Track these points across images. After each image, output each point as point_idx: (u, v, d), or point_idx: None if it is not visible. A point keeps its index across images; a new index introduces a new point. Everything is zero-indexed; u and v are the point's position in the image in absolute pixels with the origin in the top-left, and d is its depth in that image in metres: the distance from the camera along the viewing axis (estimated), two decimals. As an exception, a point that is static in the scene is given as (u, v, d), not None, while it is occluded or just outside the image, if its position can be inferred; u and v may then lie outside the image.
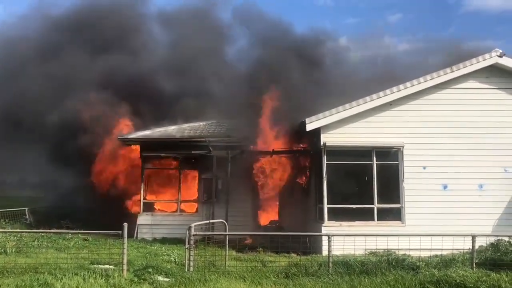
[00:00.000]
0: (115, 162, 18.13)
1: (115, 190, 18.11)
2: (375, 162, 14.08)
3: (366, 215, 13.92)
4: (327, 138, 14.07)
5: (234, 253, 12.84)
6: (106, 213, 18.62)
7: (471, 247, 10.16)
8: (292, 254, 12.67)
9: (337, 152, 14.17)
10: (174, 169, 18.15)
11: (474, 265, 9.96)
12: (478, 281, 8.94)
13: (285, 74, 19.29)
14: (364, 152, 14.17)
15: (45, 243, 13.98)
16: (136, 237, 16.89)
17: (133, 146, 17.89)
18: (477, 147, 13.99)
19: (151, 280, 9.34)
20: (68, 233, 15.06)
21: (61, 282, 8.72)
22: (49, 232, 14.98)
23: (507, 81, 14.36)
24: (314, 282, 9.33)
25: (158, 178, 18.35)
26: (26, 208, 21.14)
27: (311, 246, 13.37)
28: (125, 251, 9.71)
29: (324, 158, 14.06)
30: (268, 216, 18.75)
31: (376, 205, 13.92)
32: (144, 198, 17.74)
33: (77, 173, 20.72)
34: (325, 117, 13.95)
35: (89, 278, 9.06)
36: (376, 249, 11.31)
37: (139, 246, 14.37)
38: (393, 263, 10.27)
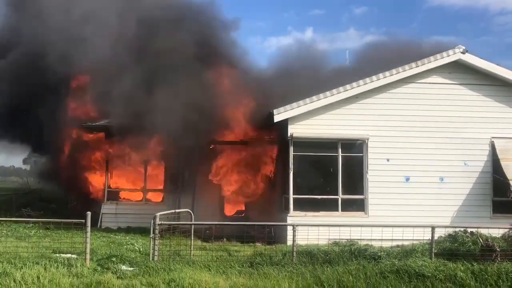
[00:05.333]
0: (80, 148, 17.72)
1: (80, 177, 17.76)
2: (340, 154, 14.30)
3: (330, 206, 14.14)
4: (294, 130, 14.19)
5: (199, 242, 12.86)
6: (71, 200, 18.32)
7: (430, 238, 10.50)
8: (257, 244, 12.77)
9: (303, 143, 14.32)
10: (140, 158, 17.90)
11: (433, 255, 10.31)
12: (436, 271, 9.27)
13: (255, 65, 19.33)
14: (330, 144, 14.36)
15: (5, 231, 13.62)
16: (100, 226, 16.64)
17: (97, 134, 17.53)
18: (438, 140, 14.38)
19: (115, 269, 9.27)
20: (29, 221, 14.69)
21: (20, 271, 8.54)
22: (9, 220, 14.56)
23: (469, 77, 14.77)
24: (278, 271, 9.46)
25: (123, 166, 18.08)
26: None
27: (276, 236, 13.53)
28: (88, 240, 9.59)
29: (291, 149, 14.17)
30: (235, 206, 18.82)
31: (340, 196, 14.16)
32: (109, 187, 17.48)
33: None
34: (292, 108, 14.04)
35: (51, 267, 8.92)
36: (339, 239, 11.55)
37: (103, 235, 14.16)
38: (356, 253, 10.54)
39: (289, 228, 11.72)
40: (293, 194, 14.02)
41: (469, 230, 11.95)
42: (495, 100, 14.71)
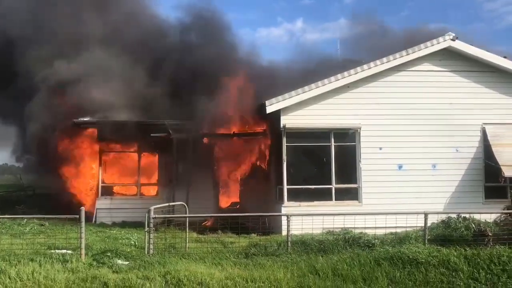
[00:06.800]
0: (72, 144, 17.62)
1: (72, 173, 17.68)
2: (333, 144, 14.35)
3: (324, 195, 14.21)
4: (287, 120, 14.21)
5: (195, 235, 12.88)
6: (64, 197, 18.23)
7: (423, 224, 10.59)
8: (252, 235, 12.81)
9: (296, 134, 14.37)
10: (133, 152, 17.91)
11: (426, 241, 10.40)
12: (430, 256, 9.35)
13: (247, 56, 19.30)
14: (322, 134, 14.41)
15: (-1, 229, 13.57)
16: (95, 221, 16.64)
17: (89, 129, 17.44)
18: (430, 128, 14.46)
19: (110, 264, 9.27)
20: (23, 218, 14.63)
21: (15, 268, 8.52)
22: (3, 218, 14.49)
23: (459, 64, 14.84)
24: (273, 261, 9.50)
25: (116, 161, 18.07)
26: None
27: (271, 226, 13.59)
28: (82, 235, 9.59)
29: (284, 140, 14.21)
30: (229, 198, 18.86)
31: (334, 186, 14.24)
32: (103, 182, 17.46)
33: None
34: (284, 99, 14.05)
35: (46, 263, 8.91)
36: (333, 228, 11.61)
37: (98, 231, 14.16)
38: (350, 241, 10.61)
39: (284, 218, 11.76)
40: (287, 184, 14.08)
41: (461, 215, 12.05)
42: (485, 86, 14.80)
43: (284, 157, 14.12)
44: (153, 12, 20.62)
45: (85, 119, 17.12)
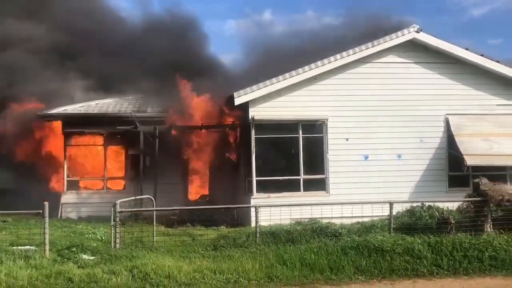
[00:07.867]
0: (34, 138, 17.16)
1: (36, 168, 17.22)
2: (301, 135, 14.43)
3: (293, 186, 14.30)
4: (255, 112, 14.19)
5: (163, 228, 12.76)
6: (27, 193, 17.76)
7: (389, 214, 10.78)
8: (221, 227, 12.79)
9: (265, 125, 14.37)
10: (99, 146, 17.57)
11: (392, 230, 10.58)
12: (395, 245, 9.51)
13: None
14: (290, 126, 14.47)
15: (-42, 227, 13.11)
16: (61, 216, 16.28)
17: (54, 122, 17.01)
18: (396, 119, 14.71)
19: (76, 259, 9.08)
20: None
21: (-25, 267, 8.26)
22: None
23: (423, 55, 15.12)
24: (242, 253, 9.50)
25: (82, 155, 17.70)
26: None
27: (239, 218, 13.60)
28: (46, 230, 9.35)
29: (253, 132, 14.20)
30: (199, 191, 18.79)
31: (302, 176, 14.33)
32: (68, 176, 17.08)
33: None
34: (253, 91, 14.03)
35: (7, 260, 8.66)
36: (302, 218, 11.71)
37: (63, 226, 13.84)
38: (317, 231, 10.71)
39: (252, 210, 11.79)
40: (256, 176, 14.10)
41: (426, 204, 12.33)
42: (448, 77, 15.14)
43: (253, 149, 14.12)
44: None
45: (49, 112, 16.73)
